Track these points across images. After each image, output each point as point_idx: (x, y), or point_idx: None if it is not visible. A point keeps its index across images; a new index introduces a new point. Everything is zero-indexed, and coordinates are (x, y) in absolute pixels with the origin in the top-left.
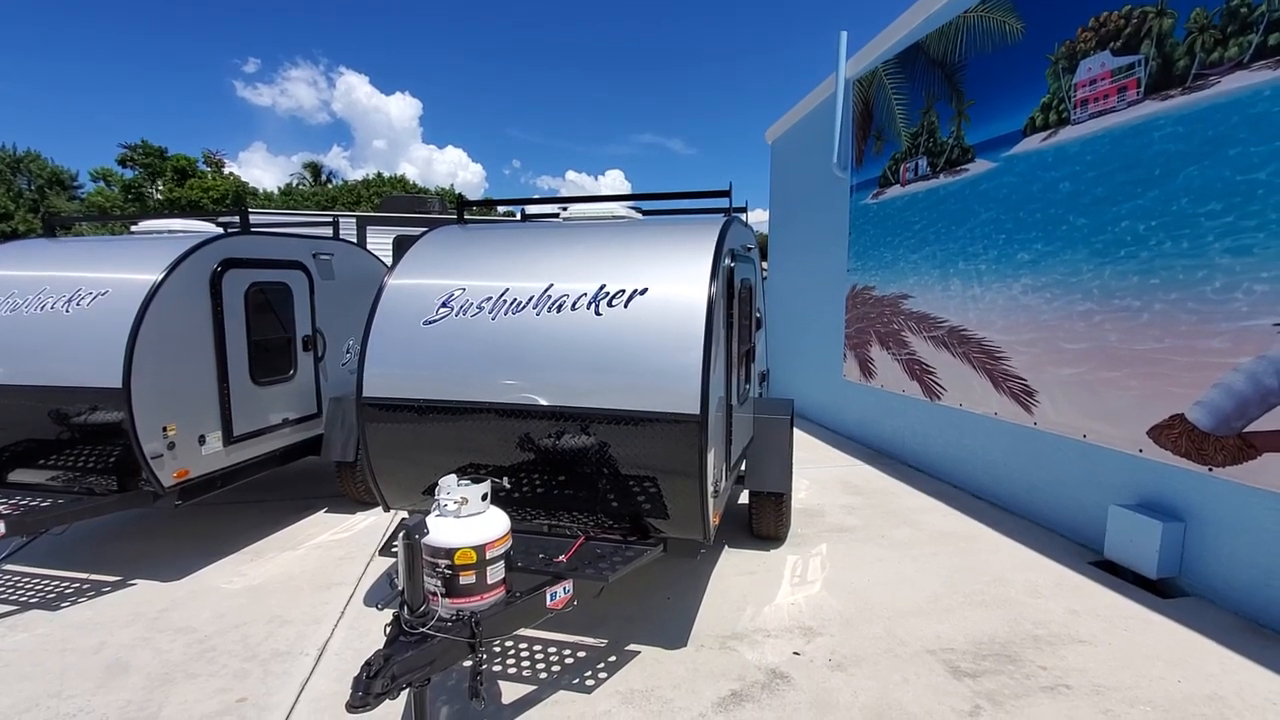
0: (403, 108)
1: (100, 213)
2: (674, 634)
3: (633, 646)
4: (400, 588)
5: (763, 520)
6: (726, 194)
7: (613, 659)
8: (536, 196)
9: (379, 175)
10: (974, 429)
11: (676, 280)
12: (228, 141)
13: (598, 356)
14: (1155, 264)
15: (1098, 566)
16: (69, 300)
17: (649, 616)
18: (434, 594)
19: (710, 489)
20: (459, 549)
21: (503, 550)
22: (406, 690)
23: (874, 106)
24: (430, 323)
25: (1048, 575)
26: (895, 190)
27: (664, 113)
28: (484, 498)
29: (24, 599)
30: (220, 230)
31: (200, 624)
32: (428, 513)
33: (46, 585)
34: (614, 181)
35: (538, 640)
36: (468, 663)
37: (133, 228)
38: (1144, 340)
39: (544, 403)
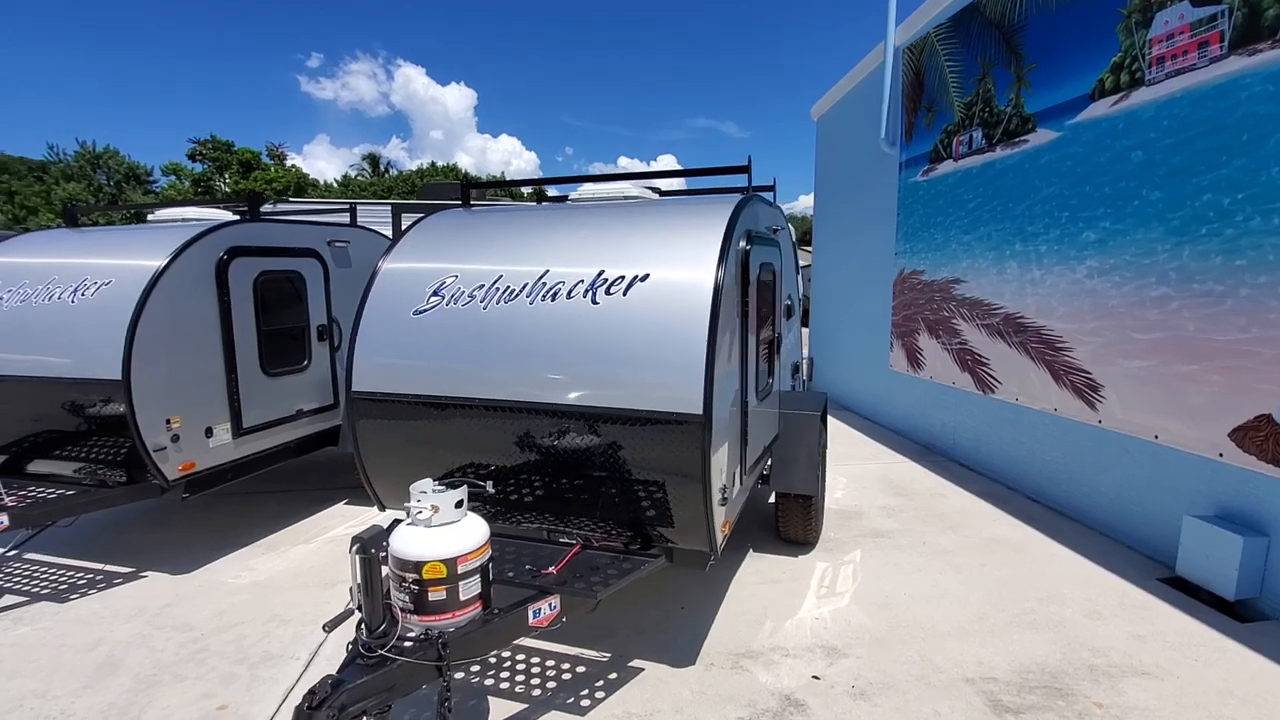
0: (458, 98)
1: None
2: (683, 650)
3: (637, 663)
4: (353, 605)
5: (790, 523)
6: (745, 170)
7: (613, 676)
8: (545, 176)
9: (433, 165)
10: (1031, 425)
11: (680, 265)
12: (292, 134)
13: (593, 350)
14: (1242, 243)
15: (1167, 584)
16: (75, 290)
17: (659, 628)
18: (404, 610)
19: (717, 496)
20: (427, 562)
21: (478, 563)
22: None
23: (925, 75)
24: (420, 312)
25: (1109, 592)
26: (947, 166)
27: (718, 96)
28: (458, 505)
29: (36, 590)
30: (233, 217)
31: (199, 621)
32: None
33: (61, 576)
34: (666, 166)
35: (537, 652)
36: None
37: (150, 216)
38: (1227, 330)
39: (535, 400)
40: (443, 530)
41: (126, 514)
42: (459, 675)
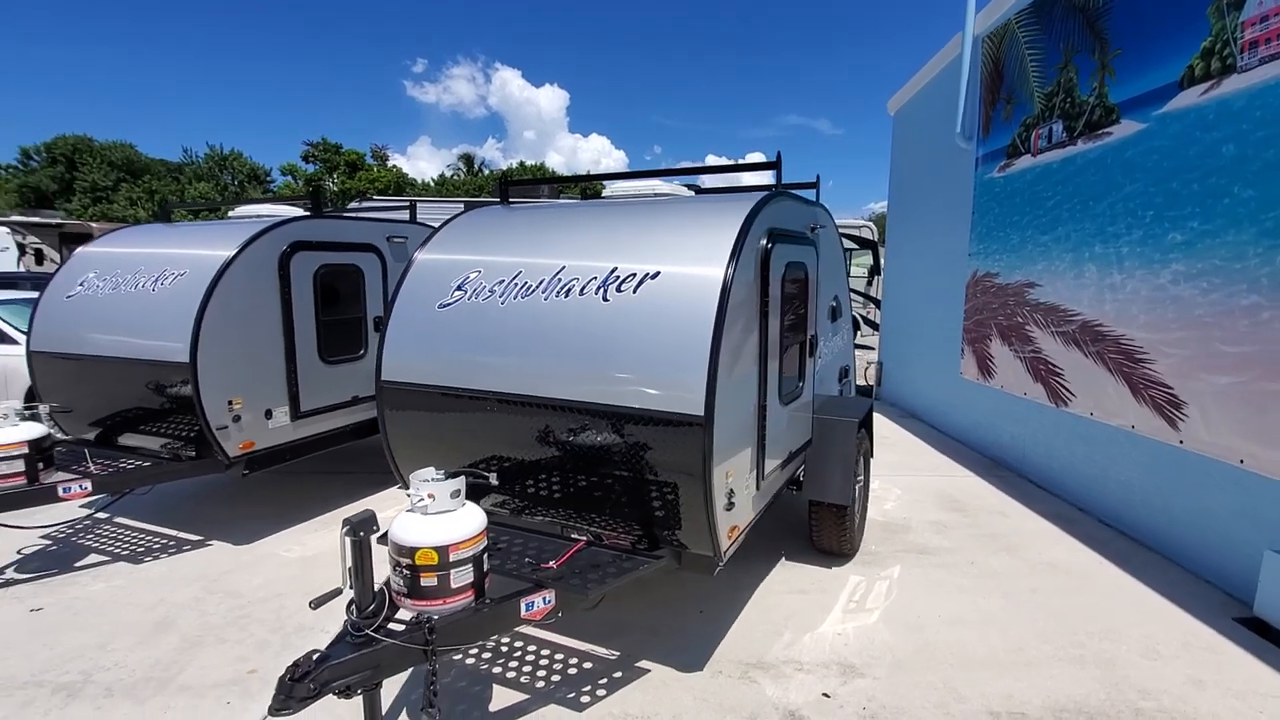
0: (551, 99)
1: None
2: (694, 654)
3: (644, 663)
4: (342, 586)
5: (823, 533)
6: (774, 166)
7: (618, 675)
8: (583, 174)
9: (522, 164)
10: (1105, 443)
11: (691, 263)
12: (397, 136)
13: (600, 347)
14: None
15: (1242, 624)
16: (156, 279)
17: (673, 630)
18: (399, 593)
19: (721, 501)
20: (420, 549)
21: (471, 553)
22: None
23: (1004, 65)
24: (444, 306)
25: (1174, 630)
26: (1025, 161)
27: (810, 92)
28: (455, 494)
29: (117, 551)
30: (300, 214)
31: (249, 590)
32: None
33: (140, 540)
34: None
35: (546, 644)
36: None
37: (230, 213)
38: None
39: (543, 394)
40: (438, 518)
41: (205, 487)
42: (468, 661)
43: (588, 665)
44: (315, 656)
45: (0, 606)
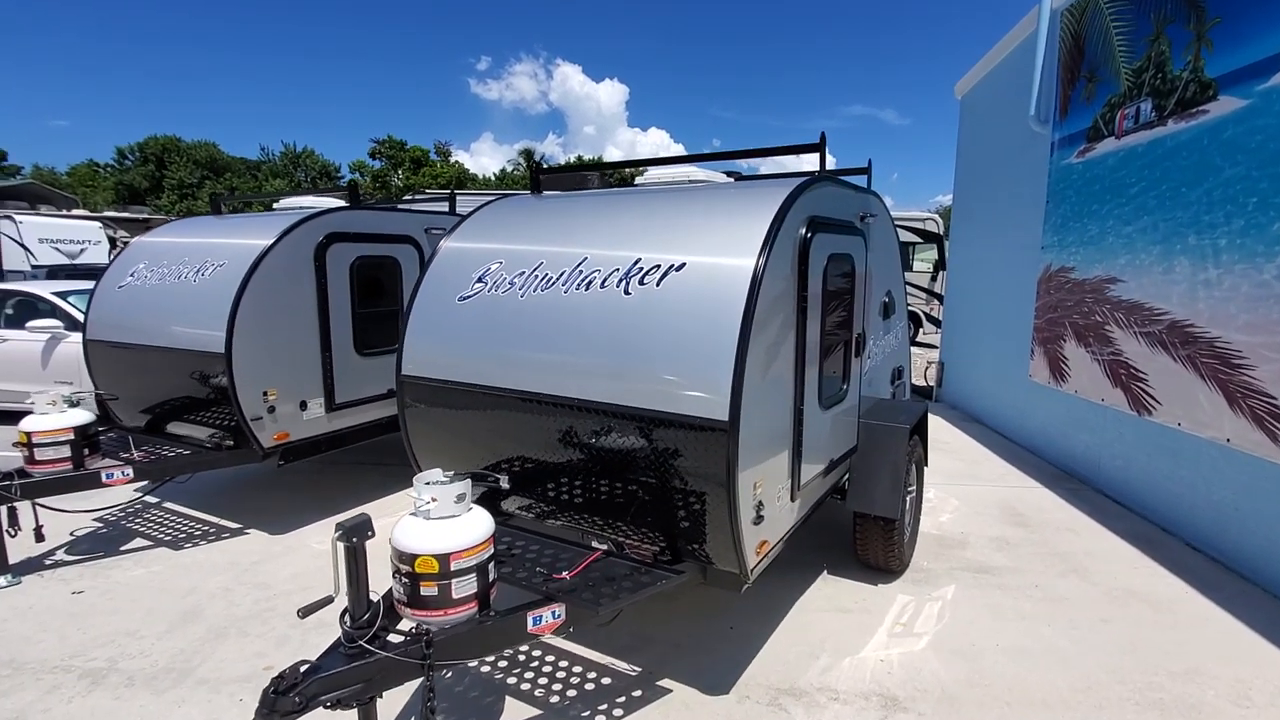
0: (611, 93)
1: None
2: (720, 675)
3: (667, 682)
4: (334, 593)
5: (868, 547)
6: (816, 148)
7: (637, 694)
8: (618, 160)
9: (579, 158)
10: (1195, 457)
11: (719, 253)
12: (460, 133)
13: (619, 343)
14: None
15: None
16: (198, 270)
17: (701, 647)
18: (399, 602)
19: (749, 514)
20: (420, 556)
21: (474, 561)
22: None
23: (1086, 40)
24: (465, 299)
25: (1270, 672)
26: (1108, 144)
27: (875, 81)
28: (460, 499)
29: (160, 536)
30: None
31: (277, 581)
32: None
33: (183, 526)
34: (817, 157)
35: (566, 655)
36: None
37: (274, 205)
38: None
39: (559, 394)
40: (440, 524)
41: (250, 475)
42: (483, 669)
43: (606, 681)
44: (304, 668)
45: (46, 588)
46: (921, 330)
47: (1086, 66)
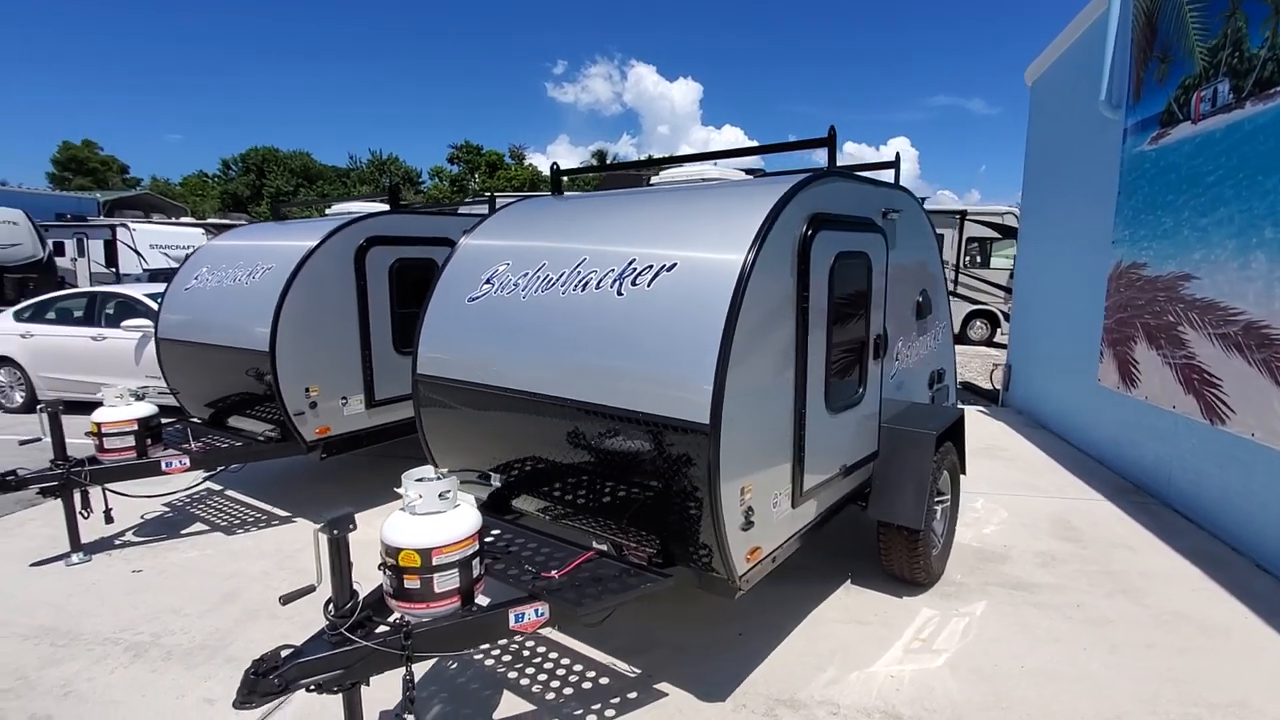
0: (684, 92)
1: (434, 202)
2: (719, 682)
3: (664, 686)
4: (315, 582)
5: (891, 557)
6: (825, 142)
7: (632, 695)
8: (636, 160)
9: (650, 157)
10: (1271, 471)
11: (708, 251)
12: (537, 136)
13: (609, 345)
14: None
15: None
16: (250, 273)
17: (705, 651)
18: (387, 593)
19: (736, 519)
20: (403, 549)
21: (457, 557)
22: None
23: (1159, 17)
24: (473, 300)
25: None
26: (1182, 130)
27: (962, 69)
28: (443, 496)
29: (216, 521)
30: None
31: (313, 568)
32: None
33: (238, 513)
34: (897, 150)
35: (568, 652)
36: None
37: (326, 210)
38: None
39: (555, 395)
40: (424, 520)
41: (302, 466)
42: (487, 662)
43: (604, 681)
44: (285, 652)
45: (111, 566)
46: (1000, 330)
47: (1159, 46)
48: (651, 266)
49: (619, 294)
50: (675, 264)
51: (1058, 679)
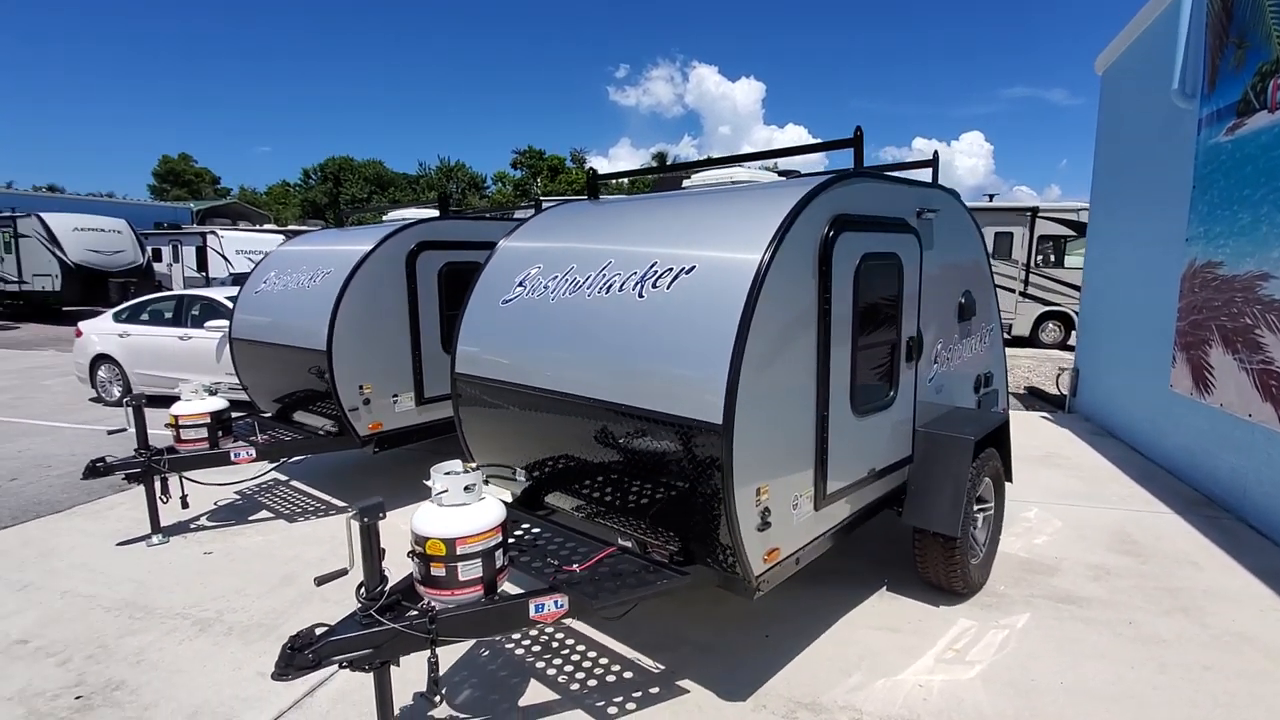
0: (747, 92)
1: (496, 207)
2: (741, 682)
3: (686, 683)
4: (348, 566)
5: (927, 564)
6: (851, 143)
7: (654, 691)
8: (669, 164)
9: (709, 159)
10: None
11: (725, 252)
12: (599, 139)
13: (629, 346)
14: None
15: None
16: (311, 277)
17: (729, 651)
18: (417, 580)
19: (752, 520)
20: (430, 539)
21: (480, 548)
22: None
23: (1234, 1)
24: (506, 302)
25: None
26: (1260, 119)
27: (1040, 58)
28: (468, 489)
29: (280, 509)
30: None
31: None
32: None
33: (302, 502)
34: (970, 145)
35: (595, 645)
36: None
37: (383, 217)
38: None
39: (579, 394)
40: (450, 511)
41: (362, 460)
42: (517, 651)
43: (628, 675)
44: (320, 631)
45: (185, 548)
46: (1075, 333)
47: (1235, 31)
48: (671, 269)
49: (640, 296)
50: (694, 266)
51: (1098, 698)
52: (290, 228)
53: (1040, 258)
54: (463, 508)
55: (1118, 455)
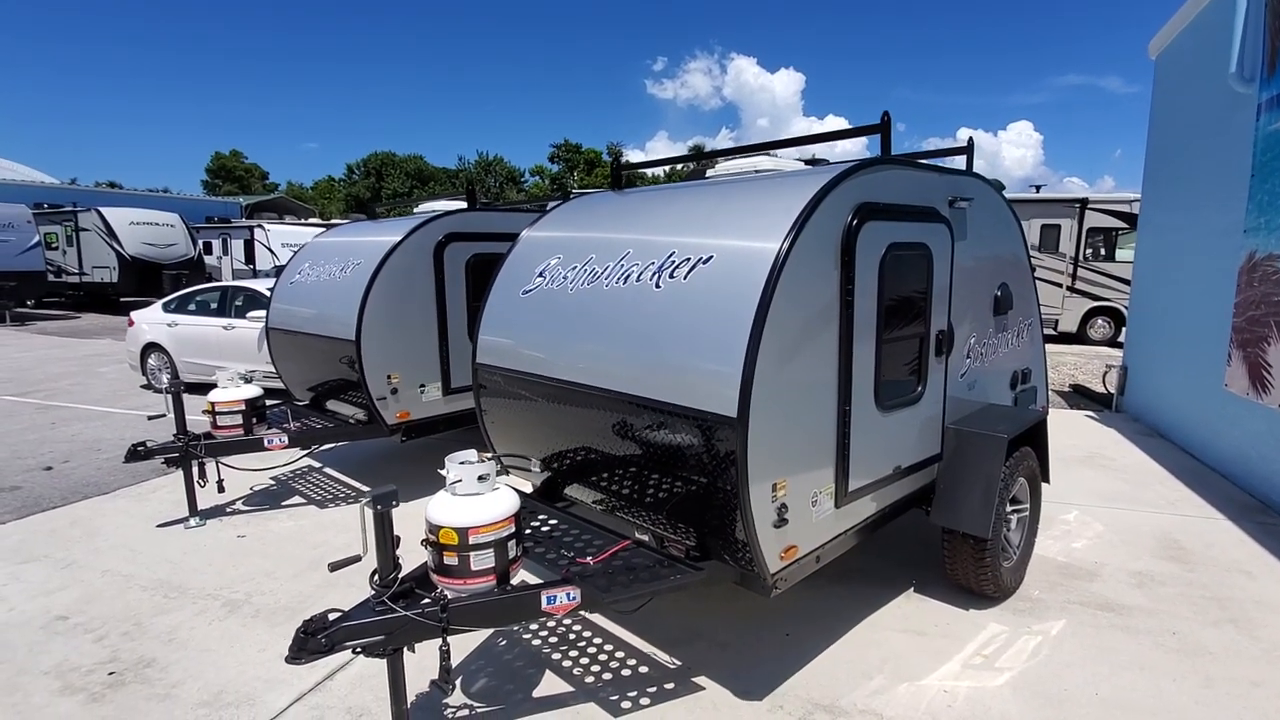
0: (786, 84)
1: (534, 200)
2: (758, 680)
3: (702, 679)
4: (361, 553)
5: (956, 566)
6: (879, 129)
7: (669, 686)
8: (693, 153)
9: (733, 147)
10: None
11: (744, 241)
12: (636, 133)
13: (645, 336)
14: None
15: None
16: (342, 268)
17: (747, 648)
18: (431, 569)
19: (768, 515)
20: (443, 527)
21: (493, 538)
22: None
23: None
24: (526, 292)
25: None
26: None
27: (1094, 44)
28: (481, 479)
29: (313, 495)
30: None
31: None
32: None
33: (333, 488)
34: (1018, 135)
35: (612, 638)
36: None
37: (414, 209)
38: None
39: (595, 385)
40: (463, 500)
41: (389, 448)
42: (534, 642)
43: (644, 670)
44: (333, 616)
45: (220, 531)
46: (1124, 328)
47: None
48: (689, 259)
49: (657, 286)
50: (712, 255)
51: (1135, 710)
52: (333, 221)
53: (1089, 251)
54: (476, 497)
55: (1167, 457)
